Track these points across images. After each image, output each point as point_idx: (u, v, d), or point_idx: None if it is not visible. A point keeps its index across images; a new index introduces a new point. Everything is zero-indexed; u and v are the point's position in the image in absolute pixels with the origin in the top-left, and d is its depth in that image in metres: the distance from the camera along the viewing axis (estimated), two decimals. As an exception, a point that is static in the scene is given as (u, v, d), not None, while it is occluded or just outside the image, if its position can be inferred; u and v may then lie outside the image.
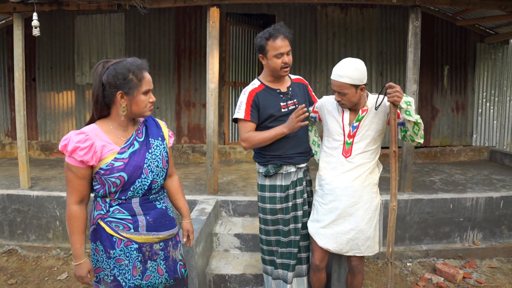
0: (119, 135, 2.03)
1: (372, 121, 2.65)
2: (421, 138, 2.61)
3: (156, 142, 2.13)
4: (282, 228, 2.96)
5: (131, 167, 1.98)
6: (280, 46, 2.69)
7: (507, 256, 4.61)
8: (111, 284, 2.06)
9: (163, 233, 2.14)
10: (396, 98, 2.41)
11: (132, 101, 1.97)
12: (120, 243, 2.01)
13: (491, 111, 7.74)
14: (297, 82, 3.02)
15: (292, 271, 2.99)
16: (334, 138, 2.72)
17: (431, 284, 4.00)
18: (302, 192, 2.97)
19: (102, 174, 1.95)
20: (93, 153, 1.92)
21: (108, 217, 2.01)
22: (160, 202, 2.17)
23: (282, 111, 2.85)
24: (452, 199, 4.64)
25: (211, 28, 4.61)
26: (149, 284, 2.10)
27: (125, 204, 2.02)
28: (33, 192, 4.84)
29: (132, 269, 2.04)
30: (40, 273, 4.25)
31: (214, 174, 4.77)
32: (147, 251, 2.08)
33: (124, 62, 1.96)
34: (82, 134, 1.93)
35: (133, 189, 2.01)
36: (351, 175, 2.67)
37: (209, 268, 3.82)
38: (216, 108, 4.70)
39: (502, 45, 7.61)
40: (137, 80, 1.95)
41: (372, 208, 2.70)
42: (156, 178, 2.09)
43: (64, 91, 7.58)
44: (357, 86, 2.51)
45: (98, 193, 2.03)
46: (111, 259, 2.02)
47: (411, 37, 4.73)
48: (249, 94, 2.85)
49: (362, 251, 2.73)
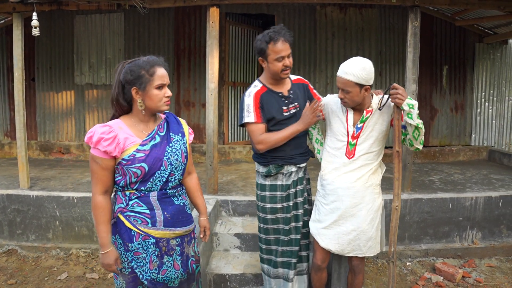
0: (141, 129, 2.12)
1: (377, 122, 2.64)
2: (420, 144, 2.60)
3: (177, 137, 2.20)
4: (283, 227, 2.97)
5: (152, 159, 2.06)
6: (280, 50, 2.69)
7: (506, 255, 4.62)
8: (129, 275, 2.15)
9: (179, 229, 2.20)
10: (397, 100, 2.41)
11: (145, 95, 2.06)
12: (138, 236, 2.09)
13: (490, 111, 7.76)
14: (297, 83, 3.02)
15: (294, 269, 3.01)
16: (338, 138, 2.72)
17: (430, 283, 4.01)
18: (303, 191, 2.99)
19: (124, 165, 2.03)
20: (116, 144, 2.01)
21: (127, 210, 2.10)
22: (178, 198, 2.22)
23: (284, 115, 2.86)
24: (451, 199, 4.65)
25: (211, 28, 4.62)
26: (165, 278, 2.17)
27: (143, 197, 2.10)
28: (33, 192, 4.83)
29: (149, 262, 2.11)
30: (40, 273, 4.25)
31: (214, 174, 4.77)
32: (163, 246, 2.14)
33: (138, 60, 2.07)
34: (107, 126, 2.03)
35: (152, 180, 2.09)
36: (353, 176, 2.67)
37: (209, 267, 3.83)
38: (216, 108, 4.71)
39: (501, 45, 7.63)
40: (149, 75, 2.04)
41: (374, 208, 2.70)
42: (174, 171, 2.15)
43: (63, 91, 7.58)
44: (361, 86, 2.49)
45: (119, 184, 2.12)
46: (129, 252, 2.11)
47: (410, 37, 4.74)
48: (254, 97, 2.84)
49: (364, 252, 2.73)
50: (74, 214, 4.72)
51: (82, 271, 4.29)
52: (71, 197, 4.69)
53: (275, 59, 2.71)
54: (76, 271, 4.28)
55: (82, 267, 4.37)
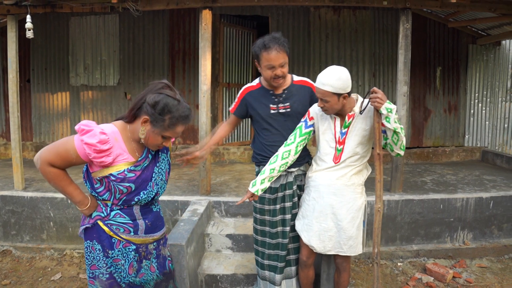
0: (134, 148, 2.06)
1: (360, 126, 2.68)
2: (400, 149, 2.62)
3: (163, 155, 2.20)
4: (269, 229, 3.01)
5: (140, 180, 2.05)
6: (272, 59, 2.69)
7: (497, 255, 4.66)
8: (106, 281, 2.13)
9: (157, 234, 2.24)
10: (376, 104, 2.45)
11: (150, 133, 1.99)
12: (119, 244, 2.09)
13: (483, 112, 7.81)
14: (299, 84, 2.98)
15: (280, 273, 3.04)
16: (328, 145, 2.77)
17: (421, 284, 4.04)
18: (292, 196, 2.99)
19: (113, 181, 1.98)
20: (105, 156, 1.93)
21: (109, 220, 2.07)
22: (155, 205, 2.26)
23: (271, 112, 2.93)
24: (442, 200, 4.68)
25: (203, 30, 4.65)
26: (142, 281, 2.20)
27: (126, 209, 2.09)
28: (27, 193, 4.85)
29: (129, 268, 2.13)
30: (34, 274, 4.27)
31: (206, 175, 4.80)
32: (143, 251, 2.17)
33: (174, 103, 1.94)
34: (105, 135, 1.93)
35: (137, 199, 2.07)
36: (335, 174, 2.74)
37: (200, 268, 3.85)
38: (209, 109, 4.74)
39: (494, 47, 7.68)
40: (167, 125, 1.96)
41: (355, 208, 2.75)
42: (159, 191, 2.18)
43: (59, 92, 7.60)
44: (339, 95, 2.54)
45: (101, 196, 2.06)
46: (108, 258, 2.10)
47: (401, 39, 4.78)
48: (243, 91, 3.03)
49: (345, 250, 2.78)
50: (68, 215, 4.74)
51: (76, 271, 4.31)
52: (65, 198, 4.71)
53: (266, 67, 2.75)
54: (70, 272, 4.30)
55: (76, 268, 4.39)
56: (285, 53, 2.73)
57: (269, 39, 2.71)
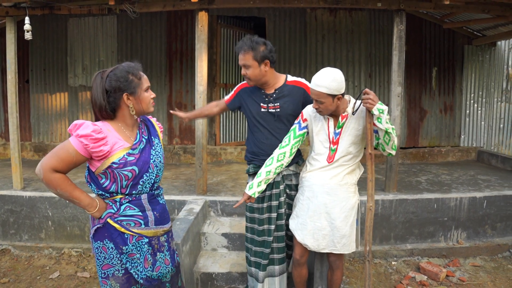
0: (128, 134, 2.15)
1: (353, 126, 2.74)
2: (392, 149, 2.67)
3: (156, 140, 2.30)
4: (257, 227, 3.07)
5: (141, 162, 2.12)
6: (239, 59, 2.89)
7: (490, 254, 4.70)
8: (123, 277, 2.18)
9: (166, 226, 2.31)
10: (368, 105, 2.50)
11: (137, 99, 2.11)
12: (132, 238, 2.14)
13: (479, 112, 7.85)
14: (292, 85, 3.02)
15: (263, 270, 3.07)
16: (322, 145, 2.82)
17: (414, 282, 4.08)
18: (278, 195, 3.02)
19: (115, 168, 2.04)
20: (102, 145, 2.00)
21: (119, 216, 2.12)
22: (161, 198, 2.33)
23: (261, 111, 3.00)
24: (436, 199, 4.73)
25: (199, 32, 4.70)
26: (159, 274, 2.24)
27: (135, 201, 2.15)
28: (26, 193, 4.90)
29: (144, 261, 2.18)
30: (32, 272, 4.32)
31: (203, 175, 4.85)
32: (156, 244, 2.23)
33: (121, 67, 2.09)
34: (97, 126, 2.01)
35: (142, 182, 2.15)
36: (328, 174, 2.79)
37: (196, 266, 3.91)
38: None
39: (489, 47, 7.72)
40: (137, 79, 2.10)
41: (348, 206, 2.80)
42: (158, 172, 2.25)
43: (57, 92, 7.64)
44: (334, 96, 2.59)
45: (107, 191, 2.10)
46: (123, 254, 2.14)
47: (395, 40, 4.84)
48: (239, 86, 3.18)
49: (338, 249, 2.82)
50: (66, 214, 4.79)
51: (74, 270, 4.36)
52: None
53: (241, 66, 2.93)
54: (68, 270, 4.35)
55: (73, 266, 4.44)
56: (250, 56, 2.82)
57: (243, 40, 2.86)
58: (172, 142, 7.56)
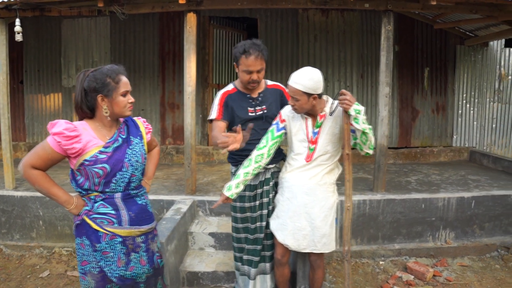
0: (104, 134, 2.21)
1: (331, 125, 2.77)
2: (369, 149, 2.70)
3: (136, 140, 2.33)
4: (250, 226, 3.10)
5: (114, 160, 2.16)
6: (250, 65, 2.82)
7: (479, 254, 4.72)
8: (98, 275, 2.24)
9: (144, 227, 2.32)
10: (345, 105, 2.53)
11: (112, 102, 2.16)
12: (105, 237, 2.19)
13: (471, 112, 7.86)
14: (272, 88, 3.14)
15: (255, 267, 3.13)
16: (301, 144, 2.84)
17: (401, 282, 4.10)
18: (268, 192, 3.09)
19: (87, 165, 2.11)
20: (75, 142, 2.07)
21: (93, 213, 2.19)
22: (140, 198, 2.35)
23: (249, 115, 3.02)
24: (424, 199, 4.75)
25: (188, 33, 4.73)
26: (133, 274, 2.28)
27: (108, 199, 2.20)
28: (18, 193, 4.93)
29: (117, 260, 2.22)
30: (23, 271, 4.36)
31: (192, 175, 4.88)
32: (130, 244, 2.26)
33: (102, 69, 2.17)
34: (71, 124, 2.10)
35: (115, 181, 2.19)
36: (307, 174, 2.81)
37: (182, 265, 3.94)
38: (194, 110, 4.82)
39: (481, 48, 7.73)
40: (114, 83, 2.15)
41: (328, 206, 2.83)
42: (135, 172, 2.27)
43: (51, 93, 7.67)
44: (309, 95, 2.62)
45: (82, 188, 2.19)
46: (97, 252, 2.20)
47: (383, 40, 4.86)
48: (221, 96, 3.06)
49: (319, 248, 2.85)
50: (57, 214, 4.83)
51: (64, 269, 4.40)
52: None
53: (244, 71, 2.87)
54: (58, 269, 4.39)
55: (64, 265, 4.48)
56: (263, 60, 2.86)
57: (249, 44, 2.82)
58: (165, 143, 7.59)
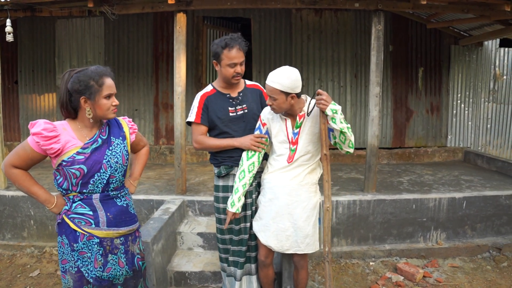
0: (85, 135, 2.21)
1: (310, 125, 2.76)
2: (349, 147, 2.70)
3: (117, 140, 2.32)
4: (234, 227, 3.09)
5: (91, 161, 2.16)
6: (234, 57, 2.83)
7: (470, 255, 4.70)
8: (75, 274, 2.24)
9: (123, 229, 2.32)
10: (321, 105, 2.53)
11: (94, 105, 2.16)
12: (83, 237, 2.20)
13: (465, 112, 7.85)
14: (251, 88, 3.15)
15: (241, 268, 3.12)
16: (282, 145, 2.83)
17: (390, 283, 4.09)
18: (251, 192, 3.07)
19: (64, 166, 2.13)
20: (53, 143, 2.08)
21: (71, 213, 2.20)
22: (121, 199, 2.34)
23: (230, 115, 3.01)
24: (414, 200, 4.74)
25: (177, 33, 4.73)
26: (110, 275, 2.27)
27: (86, 200, 2.21)
28: (9, 192, 4.95)
29: (94, 261, 2.22)
30: (13, 270, 4.37)
31: (182, 175, 4.89)
32: (107, 245, 2.26)
33: (86, 70, 2.16)
34: (50, 125, 2.11)
35: (93, 182, 2.19)
36: (289, 175, 2.80)
37: (170, 265, 3.94)
38: (184, 111, 4.82)
39: (476, 48, 7.72)
40: (98, 85, 2.14)
41: (310, 206, 2.82)
42: (114, 173, 2.26)
43: (46, 93, 7.68)
44: (287, 94, 2.61)
45: (62, 187, 2.20)
46: (75, 251, 2.20)
47: (373, 40, 4.85)
48: (200, 98, 3.03)
49: (302, 249, 2.84)
50: (48, 214, 4.83)
51: (54, 268, 4.41)
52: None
53: (228, 65, 2.86)
54: (48, 269, 4.40)
55: (54, 265, 4.48)
56: (243, 52, 2.88)
57: (229, 38, 2.85)
58: (159, 143, 7.59)
